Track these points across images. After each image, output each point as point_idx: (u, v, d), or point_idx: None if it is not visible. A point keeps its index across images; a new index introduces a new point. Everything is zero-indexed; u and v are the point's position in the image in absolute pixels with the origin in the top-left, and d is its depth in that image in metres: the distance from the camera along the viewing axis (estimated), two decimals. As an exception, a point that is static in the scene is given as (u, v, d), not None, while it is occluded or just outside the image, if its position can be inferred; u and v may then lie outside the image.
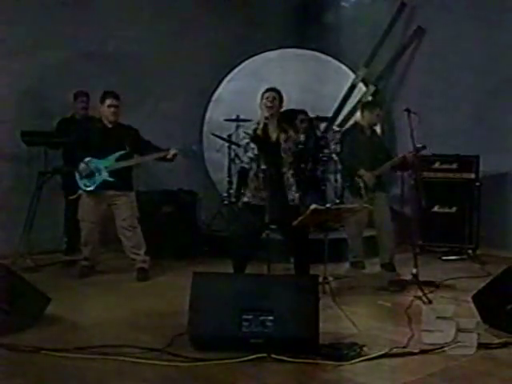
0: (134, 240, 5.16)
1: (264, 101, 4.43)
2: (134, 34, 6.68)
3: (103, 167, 5.00)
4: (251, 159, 4.40)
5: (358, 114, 5.72)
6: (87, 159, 4.99)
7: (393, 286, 4.81)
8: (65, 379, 3.06)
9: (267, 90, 4.50)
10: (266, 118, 4.33)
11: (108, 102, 5.05)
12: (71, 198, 5.31)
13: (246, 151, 4.41)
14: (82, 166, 4.99)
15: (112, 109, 5.06)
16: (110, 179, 5.00)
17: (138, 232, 5.18)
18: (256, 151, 4.32)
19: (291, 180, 4.47)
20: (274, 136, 4.42)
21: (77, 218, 5.19)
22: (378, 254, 5.39)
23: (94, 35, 6.37)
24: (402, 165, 5.28)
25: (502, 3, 6.33)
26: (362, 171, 5.20)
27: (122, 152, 5.03)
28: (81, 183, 5.04)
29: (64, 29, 6.15)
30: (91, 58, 6.32)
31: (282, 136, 4.45)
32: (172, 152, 5.05)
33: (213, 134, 6.81)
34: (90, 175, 5.00)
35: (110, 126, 5.11)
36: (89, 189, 5.02)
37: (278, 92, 4.50)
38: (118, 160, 5.03)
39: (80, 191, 5.11)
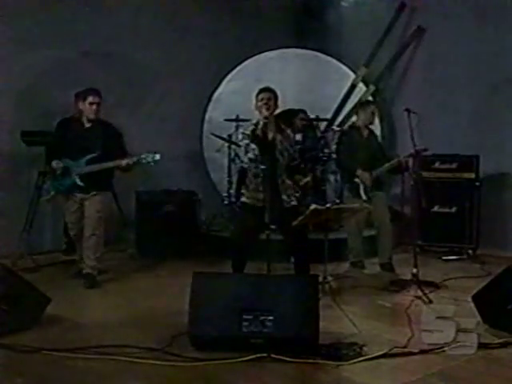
0: (90, 242, 4.95)
1: (259, 103, 4.39)
2: (134, 34, 6.68)
3: (73, 170, 4.91)
4: (251, 160, 4.37)
5: (357, 114, 5.71)
6: (57, 161, 4.91)
7: (393, 286, 4.82)
8: (65, 379, 3.06)
9: (262, 91, 4.44)
10: (266, 118, 4.29)
11: (90, 99, 4.91)
12: (43, 198, 5.19)
13: (246, 152, 4.36)
14: (53, 166, 4.92)
15: (94, 106, 4.92)
16: (80, 183, 4.91)
17: (97, 235, 4.96)
18: (257, 152, 4.30)
19: (287, 182, 4.46)
20: (271, 137, 4.39)
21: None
22: (377, 254, 5.40)
23: (94, 35, 6.36)
24: (397, 168, 5.29)
25: (501, 3, 6.33)
26: (359, 171, 5.20)
27: (93, 155, 4.89)
28: (53, 184, 4.98)
29: (64, 28, 6.15)
30: (91, 58, 6.32)
31: (279, 137, 4.43)
32: (124, 162, 4.88)
33: (213, 134, 6.81)
34: (61, 177, 4.93)
35: (87, 125, 5.00)
36: (59, 191, 4.96)
37: (273, 91, 4.45)
38: (88, 163, 4.90)
39: (52, 192, 5.01)
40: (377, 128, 6.44)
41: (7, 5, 5.81)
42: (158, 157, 4.92)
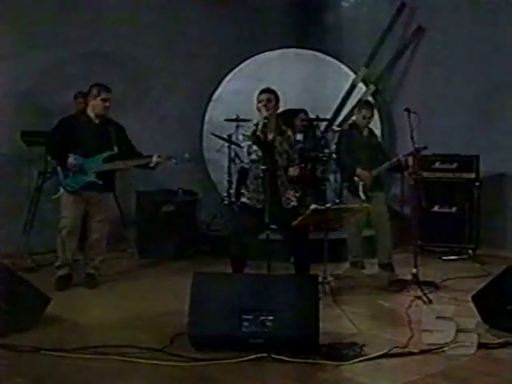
0: (97, 245, 4.93)
1: (259, 104, 4.40)
2: (133, 34, 6.69)
3: (89, 167, 4.73)
4: (253, 161, 4.36)
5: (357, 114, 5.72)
6: (73, 156, 4.69)
7: (393, 286, 4.82)
8: (65, 379, 3.06)
9: (262, 92, 4.44)
10: (266, 118, 4.29)
11: (103, 95, 4.76)
12: (54, 197, 5.00)
13: (249, 154, 4.36)
14: (70, 162, 4.69)
15: (107, 103, 4.78)
16: (97, 181, 4.76)
17: (103, 238, 4.95)
18: (259, 153, 4.30)
19: (286, 183, 4.46)
20: (271, 137, 4.39)
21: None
22: (377, 254, 5.39)
23: (94, 35, 6.37)
24: (396, 167, 5.30)
25: (501, 4, 6.33)
26: (359, 170, 5.20)
27: (110, 153, 4.78)
28: (63, 182, 4.75)
29: (64, 29, 6.16)
30: (91, 58, 6.33)
31: (278, 138, 4.43)
32: (155, 160, 4.83)
33: (213, 134, 6.81)
34: (74, 175, 4.73)
35: (96, 121, 4.83)
36: (71, 189, 4.74)
37: (274, 92, 4.45)
38: (105, 161, 4.78)
39: (62, 191, 4.79)
40: (377, 128, 6.45)
41: (7, 5, 5.81)
42: (187, 155, 4.92)
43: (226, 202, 6.69)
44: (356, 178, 5.19)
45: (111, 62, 6.52)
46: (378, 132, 6.21)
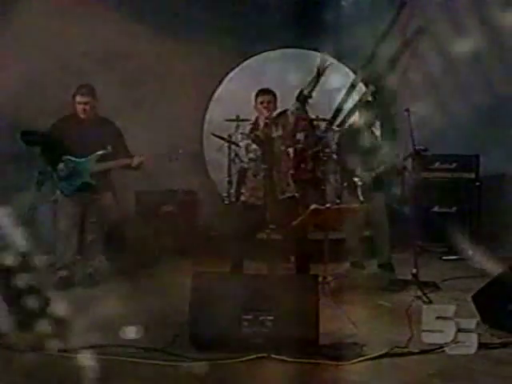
0: (94, 245, 4.93)
1: (259, 105, 4.42)
2: (133, 34, 6.67)
3: (83, 169, 4.72)
4: (251, 160, 4.38)
5: (357, 114, 5.73)
6: (65, 158, 4.69)
7: (393, 286, 4.82)
8: (65, 379, 3.06)
9: (262, 93, 4.48)
10: (267, 119, 4.33)
11: (77, 98, 4.72)
12: (52, 199, 5.00)
13: (247, 152, 4.39)
14: (60, 166, 4.69)
15: (82, 106, 4.72)
16: (92, 182, 4.75)
17: (99, 238, 4.93)
18: (258, 152, 4.32)
19: (289, 180, 4.47)
20: (272, 135, 4.40)
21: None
22: (376, 255, 5.40)
23: (94, 35, 6.37)
24: (391, 171, 5.30)
25: (502, 3, 6.33)
26: (358, 171, 5.21)
27: (103, 152, 4.74)
28: (59, 185, 4.77)
29: (63, 29, 6.15)
30: (91, 58, 6.32)
31: (280, 133, 4.43)
32: (136, 160, 4.78)
33: (213, 134, 6.80)
34: (69, 177, 4.72)
35: (87, 122, 4.82)
36: (68, 192, 4.76)
37: (273, 93, 4.50)
38: (98, 160, 4.75)
39: (57, 193, 4.81)
40: (377, 128, 6.44)
41: (7, 5, 5.81)
42: (181, 151, 4.90)
43: (226, 202, 6.68)
44: (355, 179, 5.20)
45: (111, 63, 6.51)
46: (377, 132, 6.21)
